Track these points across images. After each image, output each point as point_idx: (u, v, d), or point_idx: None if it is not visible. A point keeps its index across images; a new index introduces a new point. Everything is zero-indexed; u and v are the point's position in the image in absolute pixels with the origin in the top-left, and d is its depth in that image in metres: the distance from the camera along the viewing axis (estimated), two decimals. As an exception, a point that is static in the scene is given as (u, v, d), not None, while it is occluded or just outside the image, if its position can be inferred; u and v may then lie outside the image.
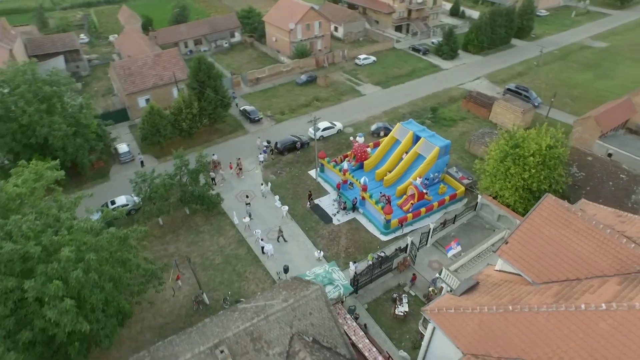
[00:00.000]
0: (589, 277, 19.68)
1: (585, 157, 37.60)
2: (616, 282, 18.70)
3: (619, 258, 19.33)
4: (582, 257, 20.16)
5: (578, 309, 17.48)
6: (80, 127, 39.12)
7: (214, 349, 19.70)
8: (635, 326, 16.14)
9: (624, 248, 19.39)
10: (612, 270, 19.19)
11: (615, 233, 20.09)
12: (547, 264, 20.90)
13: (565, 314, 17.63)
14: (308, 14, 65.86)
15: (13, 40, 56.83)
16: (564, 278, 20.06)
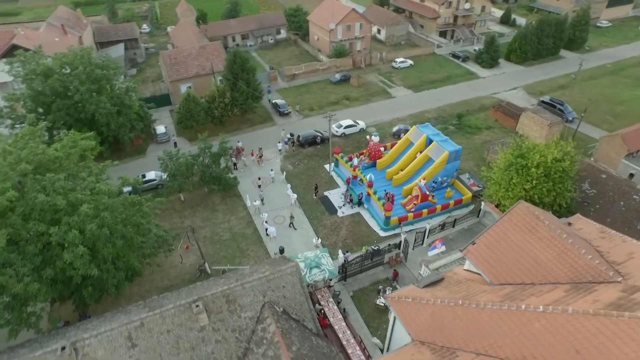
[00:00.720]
0: (542, 283, 20.52)
1: (599, 175, 36.79)
2: (564, 289, 19.51)
3: (575, 267, 20.01)
4: (540, 264, 20.99)
5: (519, 309, 18.57)
6: (123, 108, 44.09)
7: (192, 304, 22.65)
8: (565, 328, 17.10)
9: (581, 259, 20.02)
10: (565, 278, 19.94)
11: (576, 244, 20.70)
12: (506, 266, 21.91)
13: (506, 313, 18.77)
14: (349, 15, 67.86)
15: (84, 29, 64.05)
16: (519, 281, 20.99)
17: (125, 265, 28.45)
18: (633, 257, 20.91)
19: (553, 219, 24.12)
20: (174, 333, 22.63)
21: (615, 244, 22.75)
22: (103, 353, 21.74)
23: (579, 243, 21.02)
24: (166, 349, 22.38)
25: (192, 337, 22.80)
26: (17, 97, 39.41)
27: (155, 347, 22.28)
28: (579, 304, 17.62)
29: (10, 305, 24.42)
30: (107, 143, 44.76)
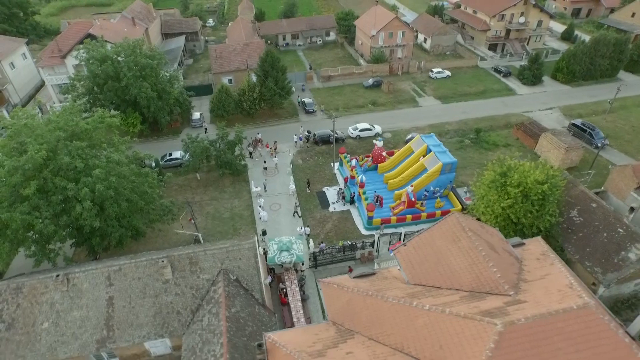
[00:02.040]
0: (448, 288, 22.67)
1: (589, 203, 36.27)
2: (460, 295, 21.66)
3: (479, 278, 21.99)
4: (452, 271, 23.11)
5: (410, 305, 21.12)
6: (164, 94, 50.80)
7: (159, 260, 27.59)
8: (438, 326, 19.51)
9: (487, 271, 21.94)
10: (468, 287, 21.99)
11: (488, 257, 22.51)
12: (424, 269, 24.22)
13: (401, 307, 21.43)
14: (392, 23, 69.76)
15: (151, 21, 72.88)
16: (430, 284, 23.31)
17: (129, 224, 34.24)
18: (544, 278, 22.34)
19: (485, 233, 25.61)
20: (143, 280, 27.70)
21: (542, 266, 24.11)
22: (87, 286, 27.36)
23: (491, 257, 22.72)
24: (135, 292, 27.50)
25: (157, 287, 27.75)
26: (79, 78, 47.50)
27: (127, 289, 27.50)
28: (460, 308, 19.84)
29: (36, 241, 31.08)
30: (147, 123, 52.03)
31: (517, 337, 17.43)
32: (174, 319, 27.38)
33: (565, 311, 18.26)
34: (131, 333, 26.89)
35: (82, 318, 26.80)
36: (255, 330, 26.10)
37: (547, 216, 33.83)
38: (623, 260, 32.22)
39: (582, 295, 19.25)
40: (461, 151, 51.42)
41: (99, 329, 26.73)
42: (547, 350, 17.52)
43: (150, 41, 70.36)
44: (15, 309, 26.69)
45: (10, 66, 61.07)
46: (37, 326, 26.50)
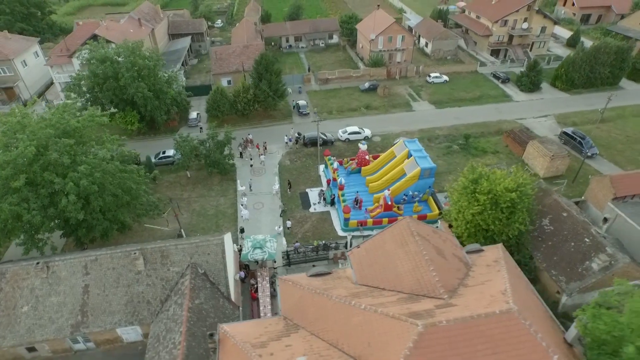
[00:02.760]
0: (389, 289, 23.86)
1: (561, 212, 36.67)
2: (398, 297, 22.91)
3: (419, 282, 23.20)
4: (396, 273, 24.33)
5: (349, 304, 22.36)
6: (160, 93, 52.95)
7: (132, 252, 29.45)
8: (370, 325, 20.78)
9: (427, 275, 23.12)
10: (408, 289, 23.25)
11: (430, 262, 23.56)
12: (372, 271, 25.46)
13: (342, 306, 22.79)
14: (391, 27, 70.53)
15: (158, 22, 75.42)
16: (375, 285, 24.58)
17: (114, 218, 36.28)
18: (484, 284, 23.33)
19: (437, 238, 26.60)
20: (117, 271, 29.66)
21: (489, 272, 25.13)
22: (65, 274, 29.44)
23: (435, 262, 23.77)
24: (109, 281, 29.48)
25: (129, 277, 29.67)
26: (80, 77, 50.00)
27: (102, 278, 29.50)
28: (391, 309, 21.05)
29: (25, 230, 33.35)
30: (144, 121, 54.31)
31: (437, 338, 18.54)
32: (144, 307, 29.23)
33: (488, 315, 19.28)
34: (104, 319, 28.86)
35: (59, 303, 28.88)
36: (217, 322, 27.62)
37: (516, 224, 34.28)
38: (586, 269, 32.65)
39: (509, 302, 20.16)
40: (448, 157, 52.07)
41: (74, 314, 28.78)
42: (466, 351, 18.61)
43: (156, 42, 72.88)
44: (-1, 292, 28.93)
45: (22, 64, 64.39)
46: (17, 309, 28.70)
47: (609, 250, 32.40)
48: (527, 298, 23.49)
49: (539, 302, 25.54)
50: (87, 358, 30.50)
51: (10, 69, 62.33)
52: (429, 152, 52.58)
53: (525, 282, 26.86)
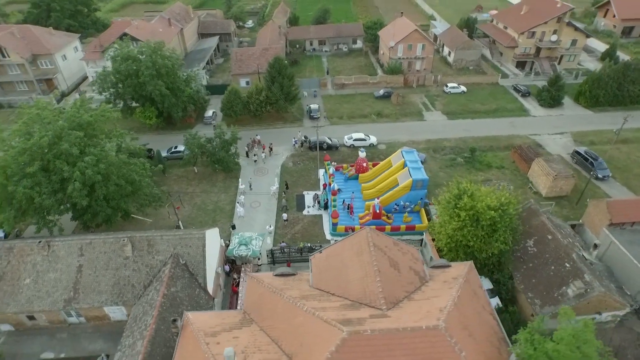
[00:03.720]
0: (337, 295, 25.13)
1: (546, 234, 36.29)
2: (342, 303, 24.28)
3: (365, 291, 24.52)
4: (347, 280, 25.72)
5: (296, 304, 23.87)
6: (178, 91, 56.25)
7: (122, 239, 32.25)
8: (306, 326, 22.28)
9: (373, 286, 24.34)
10: (354, 297, 24.59)
11: (379, 273, 24.61)
12: (328, 276, 26.92)
13: (290, 306, 24.49)
14: (411, 35, 70.65)
15: (188, 22, 79.31)
16: (326, 289, 25.95)
17: (117, 206, 39.46)
18: (429, 299, 24.19)
19: (396, 250, 27.54)
20: (107, 255, 32.59)
21: (441, 288, 25.99)
22: (63, 253, 32.69)
23: (384, 274, 24.81)
24: (100, 264, 32.44)
25: (118, 262, 32.52)
26: (106, 73, 54.03)
27: (94, 260, 32.50)
28: (328, 314, 22.36)
29: (37, 211, 37.02)
30: (162, 117, 57.84)
31: (359, 345, 19.76)
32: (129, 290, 31.99)
33: (414, 330, 20.25)
34: (93, 297, 31.85)
35: (56, 279, 32.15)
36: (189, 309, 29.86)
37: (497, 243, 34.34)
38: (562, 295, 32.39)
39: (440, 318, 20.95)
40: (451, 169, 52.05)
41: (67, 290, 31.96)
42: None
43: (184, 40, 76.80)
44: (6, 265, 32.58)
45: (62, 58, 69.96)
46: (20, 281, 32.22)
47: (587, 277, 31.97)
48: (473, 318, 23.92)
49: (491, 324, 25.73)
50: (79, 331, 33.69)
51: (52, 62, 68.02)
52: (433, 163, 53.09)
53: (482, 303, 27.02)
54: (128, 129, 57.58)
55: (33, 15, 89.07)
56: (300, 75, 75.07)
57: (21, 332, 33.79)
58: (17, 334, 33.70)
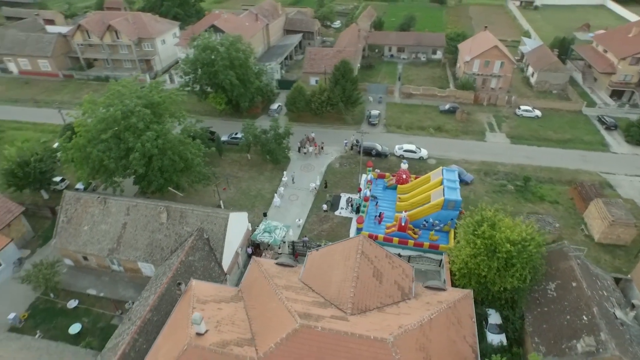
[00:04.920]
0: (316, 292, 26.80)
1: (570, 281, 33.80)
2: (316, 299, 25.84)
3: (339, 293, 26.33)
4: (329, 281, 27.70)
5: (275, 292, 26.10)
6: (248, 83, 61.06)
7: (159, 207, 37.08)
8: (276, 313, 24.51)
9: (347, 290, 25.85)
10: (329, 296, 26.35)
11: (356, 280, 26.00)
12: (314, 272, 28.92)
13: (271, 291, 26.74)
14: (490, 51, 67.73)
15: (275, 18, 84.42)
16: (310, 285, 27.80)
17: (170, 178, 44.82)
18: (398, 315, 24.93)
19: (386, 262, 28.39)
20: (147, 218, 37.66)
21: (417, 308, 26.57)
22: (115, 210, 38.41)
23: (362, 281, 26.10)
24: (140, 224, 37.61)
25: (154, 226, 37.41)
26: (188, 59, 60.60)
27: (136, 221, 37.79)
28: (297, 305, 24.18)
29: (105, 172, 43.65)
30: (231, 104, 63.26)
31: (307, 339, 21.49)
32: (158, 252, 36.72)
33: (361, 337, 21.36)
34: (130, 252, 37.16)
35: (105, 231, 38.04)
36: (200, 279, 33.56)
37: (512, 278, 33.01)
38: (570, 348, 30.33)
39: (392, 333, 21.66)
40: (498, 195, 49.87)
41: (112, 241, 37.65)
42: (328, 358, 21.00)
43: (268, 35, 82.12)
44: (73, 211, 39.27)
45: (162, 42, 79.35)
46: (81, 226, 38.65)
47: (603, 336, 29.45)
48: (440, 344, 23.81)
49: (464, 355, 25.19)
50: (118, 278, 39.45)
51: (152, 45, 77.62)
52: (480, 186, 51.31)
53: (464, 333, 26.51)
54: (200, 111, 64.09)
55: (150, 4, 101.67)
56: (371, 80, 76.19)
57: (78, 268, 40.57)
58: (75, 270, 40.53)
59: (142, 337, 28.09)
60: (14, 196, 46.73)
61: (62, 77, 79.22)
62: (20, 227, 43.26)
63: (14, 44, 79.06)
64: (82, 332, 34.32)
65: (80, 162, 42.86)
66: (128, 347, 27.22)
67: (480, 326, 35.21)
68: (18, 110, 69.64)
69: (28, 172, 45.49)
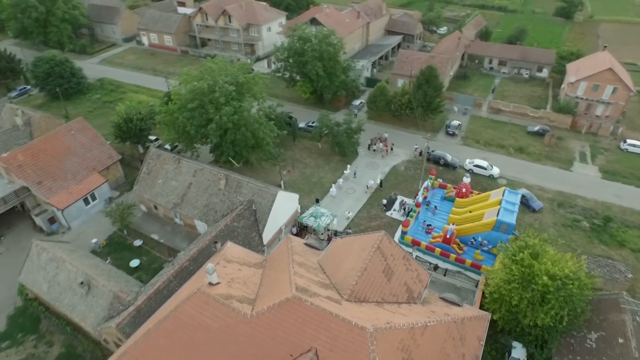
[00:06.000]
0: (326, 274, 28.11)
1: (617, 336, 30.24)
2: (321, 279, 27.17)
3: (344, 279, 27.21)
4: (340, 267, 28.54)
5: (289, 265, 27.87)
6: (333, 76, 63.49)
7: (220, 174, 41.36)
8: (281, 282, 26.33)
9: (351, 278, 26.69)
10: (335, 280, 27.34)
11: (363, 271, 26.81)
12: (331, 258, 30.26)
13: (287, 264, 28.32)
14: (602, 74, 60.83)
15: (378, 18, 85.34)
16: (323, 267, 29.13)
17: (240, 152, 49.19)
18: (395, 313, 25.41)
19: (400, 263, 28.70)
20: (209, 182, 42.38)
21: (420, 313, 26.79)
22: (184, 170, 43.80)
23: (369, 275, 26.90)
24: (202, 187, 42.44)
25: (213, 189, 41.93)
26: (282, 47, 64.87)
27: (199, 183, 42.69)
28: (301, 281, 25.86)
29: (186, 138, 49.47)
30: (315, 94, 66.36)
31: (295, 310, 23.33)
32: (212, 214, 41.10)
33: (344, 320, 22.35)
34: (189, 210, 42.15)
35: (174, 187, 43.55)
36: (239, 244, 36.95)
37: (544, 315, 30.73)
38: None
39: (374, 325, 22.13)
40: (567, 229, 45.64)
41: (177, 197, 43.01)
42: (309, 330, 22.66)
43: (368, 33, 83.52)
44: (153, 165, 45.53)
45: (267, 29, 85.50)
46: (157, 179, 44.73)
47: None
48: (429, 354, 23.53)
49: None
50: (178, 230, 44.90)
51: (258, 31, 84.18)
52: (549, 216, 47.55)
53: (463, 351, 25.59)
54: (287, 97, 68.56)
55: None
56: (462, 90, 73.50)
57: (149, 215, 47.06)
58: (147, 216, 47.09)
59: (177, 280, 32.24)
60: (117, 146, 55.44)
61: (179, 52, 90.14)
62: (116, 172, 51.31)
63: (149, 20, 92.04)
64: (139, 267, 40.18)
65: (168, 125, 49.30)
66: (162, 285, 31.58)
67: (502, 357, 33.38)
68: (140, 76, 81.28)
69: (130, 127, 53.55)
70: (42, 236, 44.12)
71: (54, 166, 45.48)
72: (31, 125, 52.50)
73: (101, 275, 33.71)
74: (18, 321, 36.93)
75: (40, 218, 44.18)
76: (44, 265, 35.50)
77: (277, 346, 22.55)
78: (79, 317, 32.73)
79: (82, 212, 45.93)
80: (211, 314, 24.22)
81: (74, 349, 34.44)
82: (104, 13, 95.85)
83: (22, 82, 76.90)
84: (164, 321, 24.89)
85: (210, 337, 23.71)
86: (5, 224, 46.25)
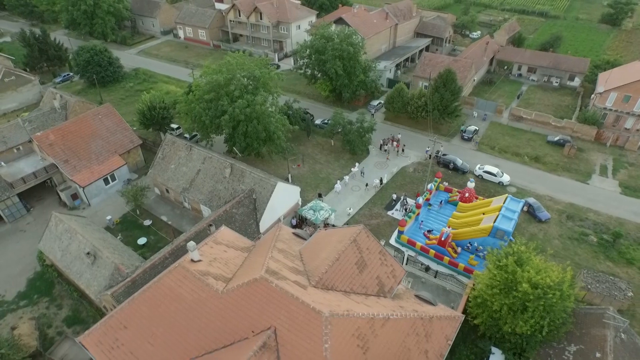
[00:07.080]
0: (302, 262, 29.35)
1: (595, 351, 29.60)
2: (295, 265, 28.51)
3: (317, 266, 28.22)
4: (316, 255, 29.70)
5: (269, 250, 29.53)
6: (352, 75, 64.36)
7: (226, 162, 43.53)
8: (256, 263, 27.91)
9: (322, 266, 27.96)
10: (309, 266, 28.47)
11: (334, 261, 27.98)
12: (311, 247, 31.40)
13: (267, 250, 29.98)
14: (634, 84, 58.12)
15: (407, 20, 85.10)
16: (303, 256, 30.36)
17: (251, 144, 51.22)
18: (359, 304, 26.34)
19: (374, 257, 29.56)
20: (215, 169, 44.64)
21: (388, 307, 27.55)
22: (195, 157, 46.28)
23: (341, 264, 28.22)
24: (209, 174, 44.76)
25: (219, 177, 44.16)
26: (304, 45, 66.41)
27: (207, 170, 45.05)
28: (273, 264, 27.28)
29: (201, 127, 52.10)
30: (334, 93, 67.55)
31: (261, 289, 24.82)
32: (216, 200, 43.33)
33: (303, 303, 23.67)
34: (196, 194, 44.60)
35: (184, 172, 46.17)
36: (237, 229, 38.87)
37: (523, 322, 30.52)
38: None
39: (331, 311, 23.18)
40: (572, 242, 44.44)
41: (187, 182, 45.58)
42: (268, 308, 24.02)
43: (395, 35, 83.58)
44: (167, 151, 48.41)
45: (297, 27, 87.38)
46: (170, 164, 47.55)
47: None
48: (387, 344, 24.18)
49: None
50: (185, 214, 47.52)
51: (287, 29, 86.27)
52: (555, 228, 46.55)
53: (426, 347, 26.03)
54: (308, 93, 70.23)
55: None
56: (487, 96, 72.26)
57: (161, 198, 50.05)
58: (159, 198, 50.11)
59: (172, 257, 34.51)
60: (140, 132, 59.09)
61: (212, 46, 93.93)
62: (136, 156, 54.80)
63: (185, 15, 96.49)
64: (145, 245, 43.05)
65: (187, 114, 52.15)
66: (158, 261, 33.99)
67: (480, 361, 33.43)
68: (172, 67, 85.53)
69: (153, 115, 56.95)
70: (66, 210, 48.11)
71: (80, 147, 49.35)
72: (67, 109, 56.96)
73: (107, 248, 36.59)
74: (36, 284, 40.64)
75: (65, 193, 48.13)
76: (59, 235, 38.90)
77: (242, 322, 24.11)
78: (84, 285, 35.76)
79: (102, 190, 49.57)
80: (187, 287, 26.16)
81: (79, 314, 37.59)
82: (145, 7, 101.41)
83: (66, 69, 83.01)
84: (147, 290, 27.10)
85: (184, 308, 25.63)
86: (36, 197, 50.67)
